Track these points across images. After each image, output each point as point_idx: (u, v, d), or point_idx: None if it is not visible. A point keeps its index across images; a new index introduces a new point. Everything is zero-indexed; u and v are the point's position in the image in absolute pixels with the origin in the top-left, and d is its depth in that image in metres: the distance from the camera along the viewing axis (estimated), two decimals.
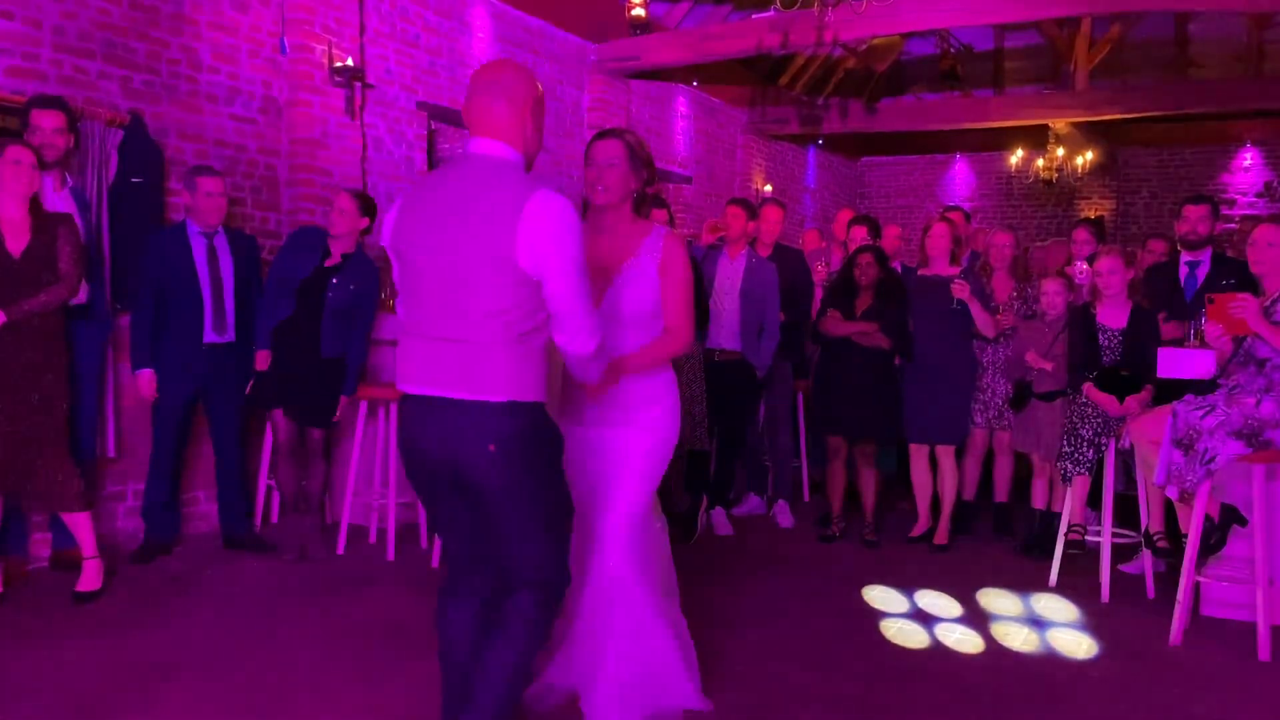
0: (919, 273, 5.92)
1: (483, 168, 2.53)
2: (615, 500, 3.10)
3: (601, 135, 3.12)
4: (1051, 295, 5.37)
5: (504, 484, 2.51)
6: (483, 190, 2.46)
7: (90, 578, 4.43)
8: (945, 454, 5.74)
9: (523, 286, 2.45)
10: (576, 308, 2.51)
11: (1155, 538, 4.69)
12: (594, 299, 2.83)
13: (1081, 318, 5.06)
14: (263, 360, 5.10)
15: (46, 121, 4.56)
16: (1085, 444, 4.76)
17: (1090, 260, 5.48)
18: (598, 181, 3.06)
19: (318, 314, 5.09)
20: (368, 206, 5.23)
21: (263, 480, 5.75)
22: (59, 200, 4.63)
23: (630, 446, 3.12)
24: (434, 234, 2.48)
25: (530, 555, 2.62)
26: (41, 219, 4.31)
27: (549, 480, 2.62)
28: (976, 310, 5.53)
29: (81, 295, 4.47)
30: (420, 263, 2.51)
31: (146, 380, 4.94)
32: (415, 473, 2.65)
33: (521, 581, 2.64)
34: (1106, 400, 4.77)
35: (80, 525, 4.40)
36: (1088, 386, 4.86)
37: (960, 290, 5.50)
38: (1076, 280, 5.58)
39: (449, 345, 2.49)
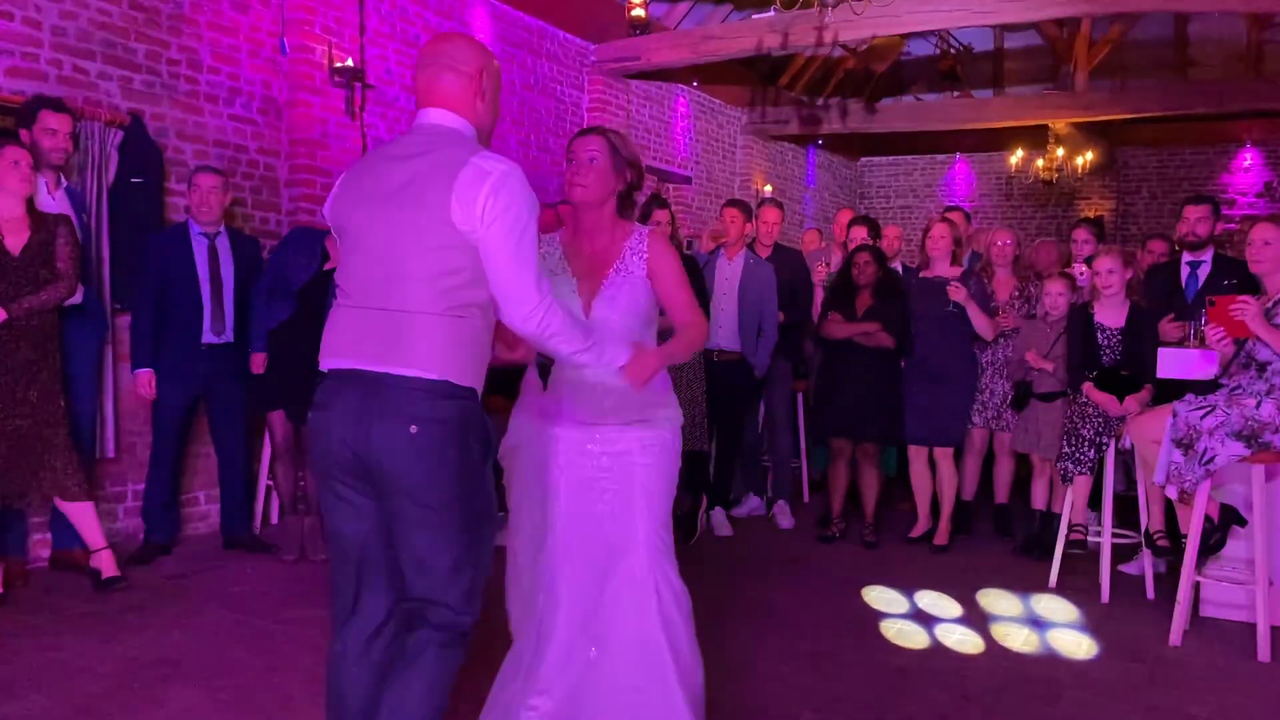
0: (920, 274, 5.92)
1: (426, 134, 2.42)
2: (635, 507, 2.87)
3: (583, 132, 3.00)
4: (1055, 296, 5.37)
5: (421, 478, 2.24)
6: (423, 153, 2.34)
7: (109, 566, 4.48)
8: (944, 455, 5.75)
9: (457, 251, 2.27)
10: (514, 274, 2.28)
11: (1155, 537, 4.69)
12: (578, 298, 2.77)
13: (1080, 318, 5.06)
14: (259, 364, 5.10)
15: (59, 123, 4.58)
16: (1086, 444, 4.76)
17: (1089, 261, 5.48)
18: (575, 178, 2.90)
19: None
20: None
21: (262, 481, 5.75)
22: (54, 201, 4.63)
23: (646, 447, 2.89)
24: (373, 200, 2.34)
25: (437, 579, 2.32)
26: (39, 218, 4.32)
27: (473, 487, 2.32)
28: (974, 313, 5.53)
29: (77, 296, 4.48)
30: (357, 229, 2.36)
31: (146, 380, 4.94)
32: (319, 459, 2.37)
33: (423, 619, 2.35)
34: (1106, 400, 4.77)
35: (84, 516, 4.43)
36: (1087, 386, 4.86)
37: (957, 293, 5.50)
38: (1079, 281, 5.58)
39: (378, 314, 2.29)
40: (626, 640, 2.82)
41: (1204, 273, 5.44)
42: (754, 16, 8.85)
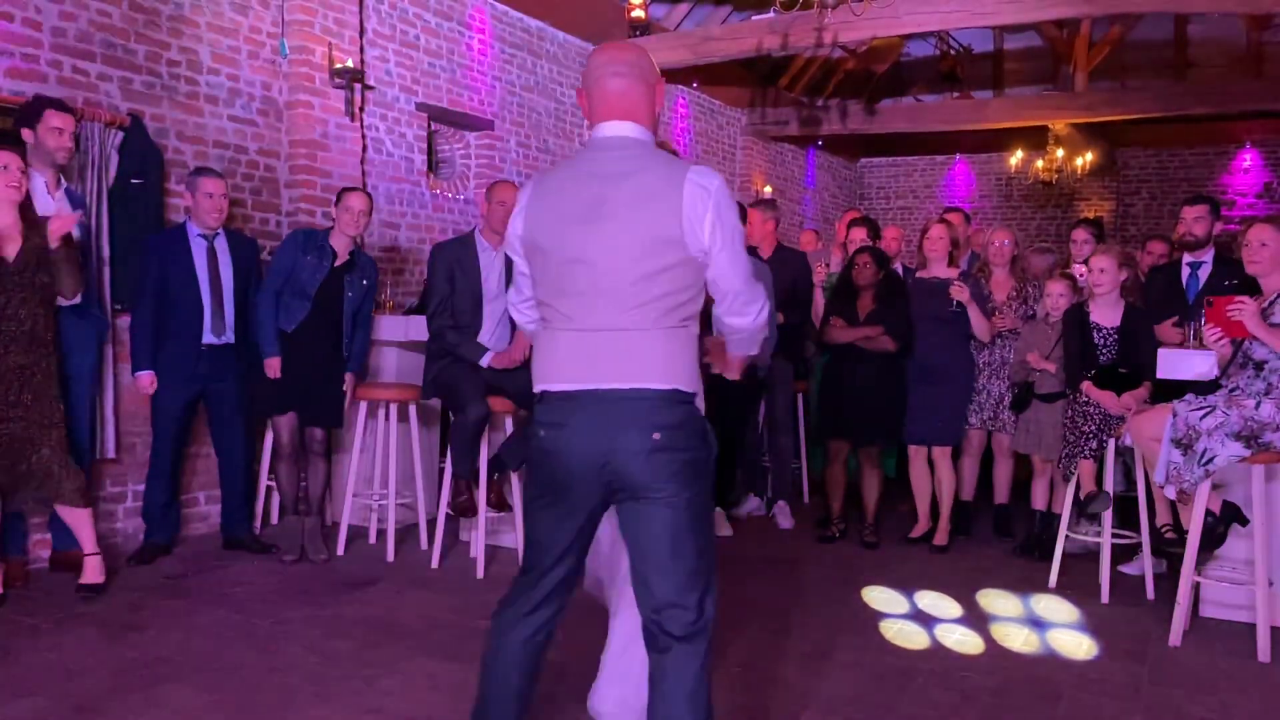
0: (917, 274, 5.92)
1: (619, 149, 2.42)
2: None
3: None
4: (1056, 297, 5.37)
5: (668, 477, 2.33)
6: (628, 170, 2.36)
7: (92, 572, 4.46)
8: (941, 456, 5.75)
9: (686, 267, 2.34)
10: (744, 280, 2.41)
11: (1164, 530, 4.67)
12: None
13: (1076, 318, 5.07)
14: (274, 368, 5.09)
15: (63, 122, 4.57)
16: (1089, 436, 4.77)
17: (1089, 261, 5.48)
18: None
19: (332, 315, 5.12)
20: (372, 204, 5.33)
21: (263, 482, 5.75)
22: (54, 201, 4.62)
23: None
24: (577, 221, 2.35)
25: (685, 585, 2.36)
26: (33, 222, 4.30)
27: (706, 486, 2.43)
28: (974, 314, 5.53)
29: (76, 296, 4.47)
30: (564, 254, 2.36)
31: (146, 382, 4.95)
32: (554, 479, 2.42)
33: (670, 637, 2.37)
34: (1105, 397, 4.78)
35: (80, 522, 4.42)
36: (1086, 384, 4.86)
37: (960, 292, 5.50)
38: (1080, 282, 5.59)
39: (604, 335, 2.34)
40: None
41: (1204, 273, 5.45)
42: (754, 18, 8.84)
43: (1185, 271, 5.51)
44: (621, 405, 2.33)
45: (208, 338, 5.06)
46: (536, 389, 2.46)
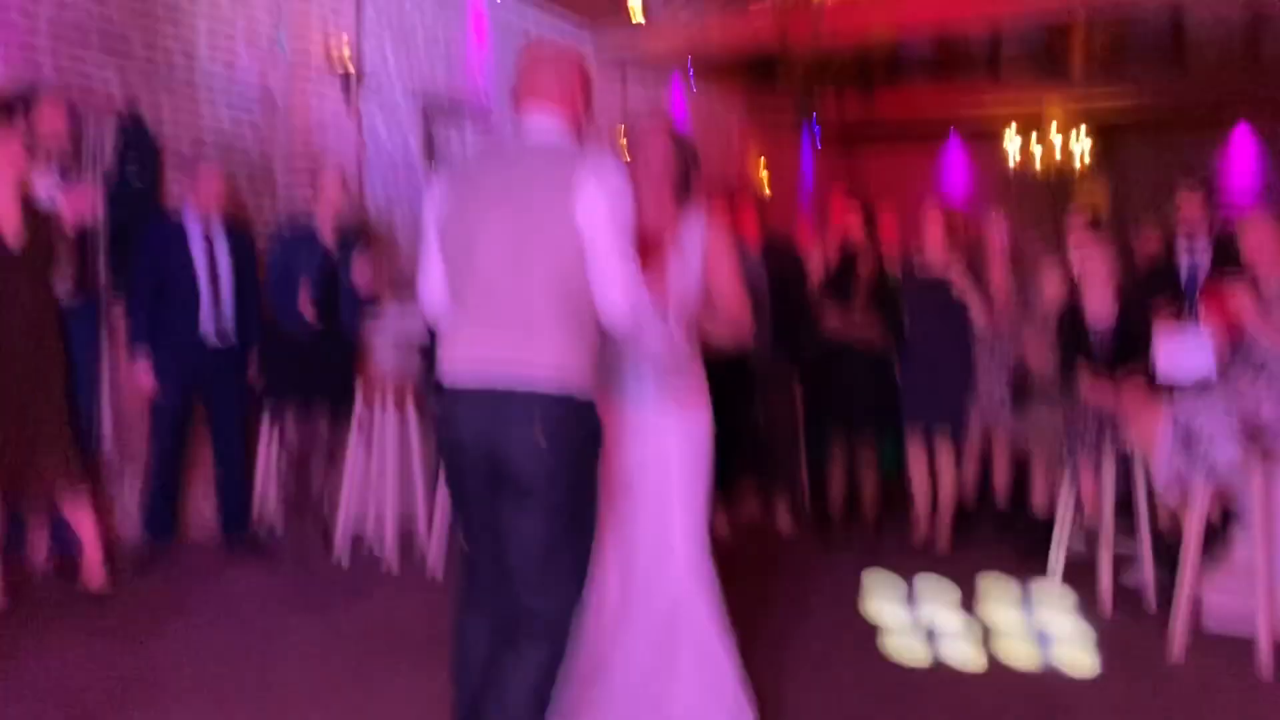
0: (914, 261, 5.89)
1: (534, 143, 2.49)
2: (673, 499, 2.94)
3: (644, 117, 3.13)
4: (1052, 285, 5.35)
5: (547, 480, 2.37)
6: (537, 164, 2.43)
7: (95, 574, 4.43)
8: (944, 450, 5.70)
9: (580, 260, 2.37)
10: (616, 264, 2.38)
11: (1166, 539, 4.65)
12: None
13: (1070, 319, 5.05)
14: (307, 306, 5.11)
15: (53, 114, 4.55)
16: (1087, 437, 4.76)
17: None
18: (637, 156, 3.00)
19: (332, 298, 5.11)
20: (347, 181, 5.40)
21: (260, 484, 5.73)
22: (54, 193, 4.60)
23: (685, 432, 2.95)
24: (484, 213, 2.41)
25: (546, 587, 2.44)
26: (32, 209, 4.28)
27: (588, 497, 2.49)
28: (972, 298, 5.52)
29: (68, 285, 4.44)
30: (470, 245, 2.42)
31: (143, 372, 4.92)
32: (452, 472, 2.53)
33: (526, 631, 2.45)
34: (1101, 391, 4.75)
35: (83, 521, 4.39)
36: (1084, 386, 4.83)
37: (960, 279, 5.49)
38: (1075, 270, 5.57)
39: (501, 334, 2.39)
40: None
41: (1203, 261, 5.45)
42: (751, 7, 8.82)
43: (1184, 259, 5.51)
44: (511, 402, 2.37)
45: (205, 328, 5.04)
46: (439, 380, 2.50)
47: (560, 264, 2.36)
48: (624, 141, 3.14)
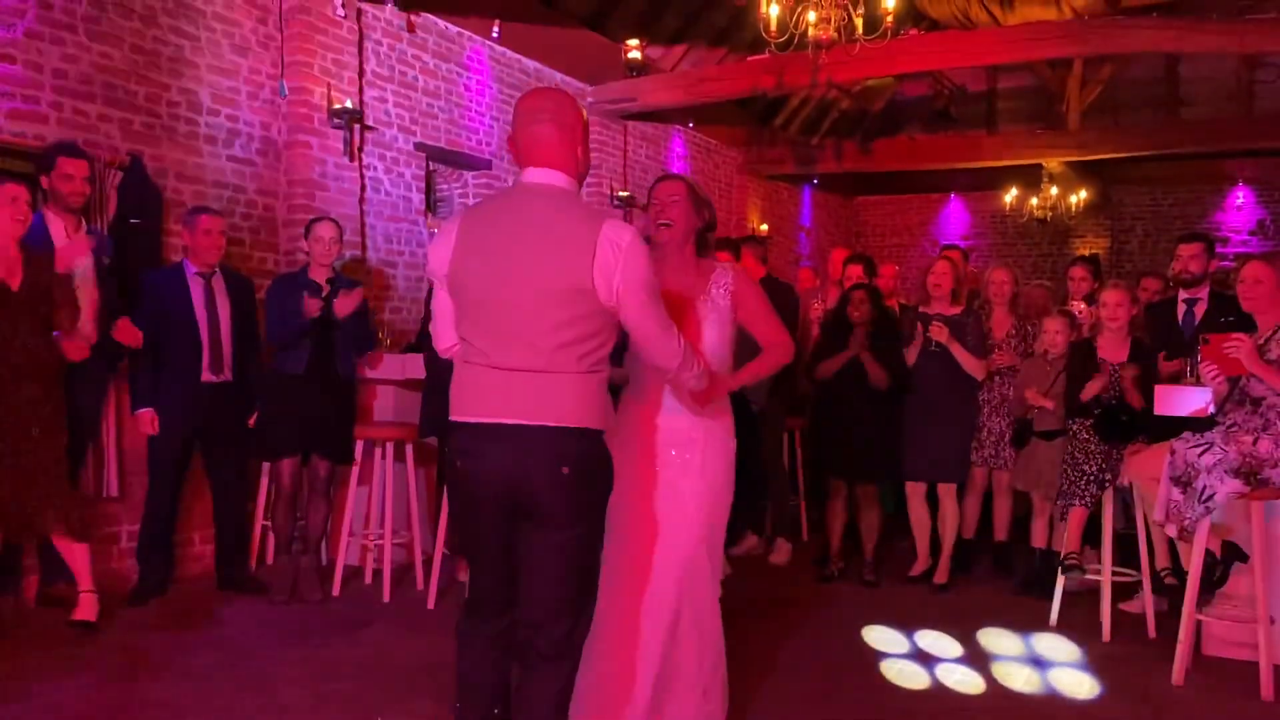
0: (920, 310, 5.90)
1: (543, 197, 2.53)
2: (690, 503, 3.14)
3: (664, 178, 3.27)
4: (1053, 334, 5.37)
5: (568, 508, 2.51)
6: (549, 220, 2.48)
7: (87, 609, 4.42)
8: (946, 493, 5.71)
9: (598, 317, 2.49)
10: (655, 328, 2.57)
11: (1163, 575, 4.65)
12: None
13: (1082, 352, 5.06)
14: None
15: (76, 169, 4.65)
16: (1086, 479, 4.75)
17: (1089, 298, 5.49)
18: (660, 216, 3.17)
19: (330, 347, 5.11)
20: (342, 231, 5.41)
21: (258, 523, 5.72)
22: (77, 244, 4.64)
23: (709, 444, 3.17)
24: (500, 265, 2.47)
25: (563, 611, 2.56)
26: (30, 253, 4.32)
27: (600, 521, 2.62)
28: (958, 352, 5.53)
29: (73, 329, 4.46)
30: (485, 294, 2.50)
31: (148, 419, 4.93)
32: (471, 501, 2.59)
33: (543, 653, 2.57)
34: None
35: (78, 558, 4.40)
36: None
37: (939, 333, 5.51)
38: (1078, 319, 5.59)
39: (520, 376, 2.48)
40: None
41: (1200, 310, 5.47)
42: (749, 59, 8.93)
43: (1181, 308, 5.54)
44: (534, 437, 2.48)
45: (206, 376, 5.06)
46: (452, 418, 2.58)
47: (574, 316, 2.46)
48: (648, 202, 3.23)
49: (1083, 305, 5.88)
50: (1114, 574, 4.79)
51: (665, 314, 2.60)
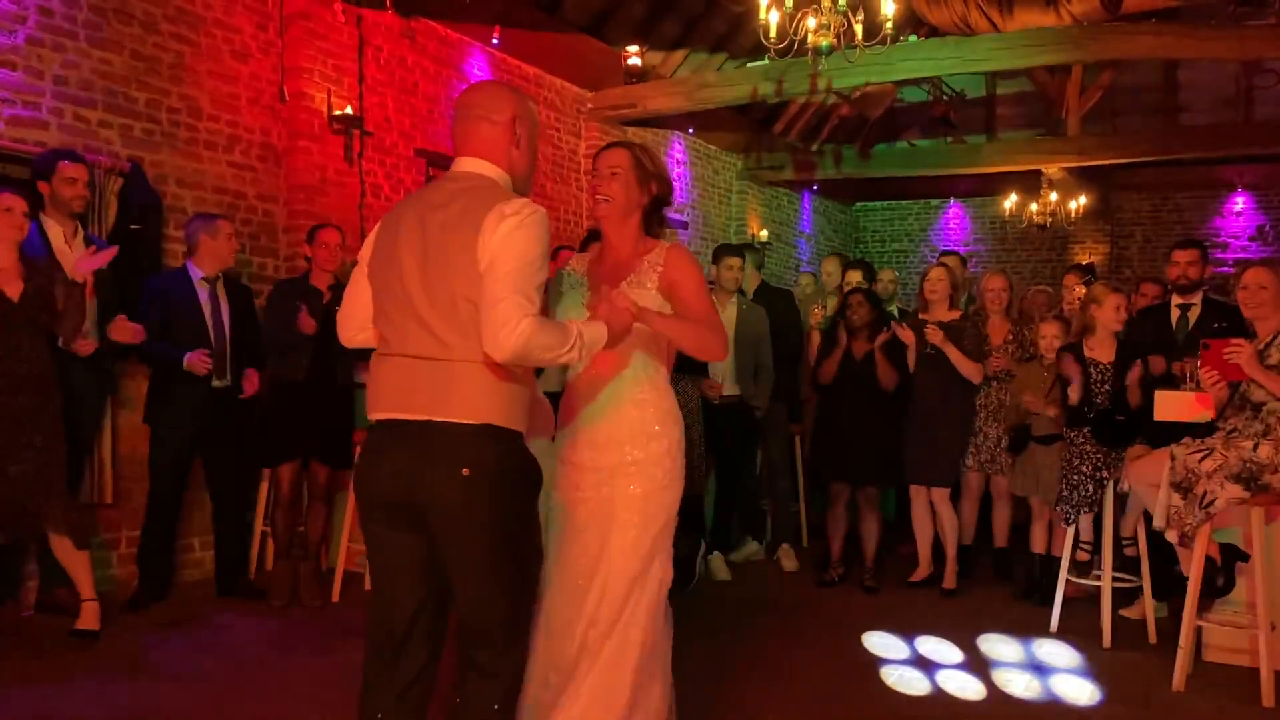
0: (918, 316, 5.92)
1: (459, 182, 2.46)
2: (611, 558, 2.78)
3: (608, 146, 2.96)
4: (1050, 339, 5.38)
5: (474, 520, 2.31)
6: (451, 199, 2.39)
7: (89, 618, 4.40)
8: (941, 499, 5.71)
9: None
10: (501, 297, 2.24)
11: (1125, 545, 4.64)
12: (585, 311, 2.70)
13: (1073, 352, 5.06)
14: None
15: (76, 172, 4.67)
16: (1085, 480, 4.75)
17: (1088, 299, 5.47)
18: (598, 190, 2.87)
19: (331, 353, 5.11)
20: (344, 238, 5.44)
21: (258, 527, 5.71)
22: (72, 250, 4.64)
23: (628, 490, 2.80)
24: (402, 246, 2.39)
25: (490, 627, 2.40)
26: (29, 263, 4.32)
27: (523, 527, 2.44)
28: (954, 355, 5.54)
29: (74, 339, 4.46)
30: (387, 276, 2.41)
31: (198, 358, 4.86)
32: (369, 510, 2.43)
33: (477, 671, 2.43)
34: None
35: (78, 565, 4.38)
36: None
37: (934, 335, 5.52)
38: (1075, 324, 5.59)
39: (421, 364, 2.33)
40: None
41: (1194, 316, 5.47)
42: (749, 65, 8.95)
43: (1175, 313, 5.54)
44: (432, 438, 2.31)
45: (208, 380, 5.04)
46: (368, 415, 2.45)
47: (469, 292, 2.30)
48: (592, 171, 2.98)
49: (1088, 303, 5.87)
50: (1114, 580, 4.79)
51: (530, 294, 2.28)
